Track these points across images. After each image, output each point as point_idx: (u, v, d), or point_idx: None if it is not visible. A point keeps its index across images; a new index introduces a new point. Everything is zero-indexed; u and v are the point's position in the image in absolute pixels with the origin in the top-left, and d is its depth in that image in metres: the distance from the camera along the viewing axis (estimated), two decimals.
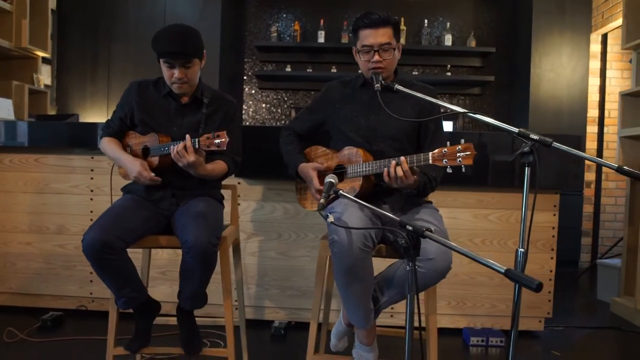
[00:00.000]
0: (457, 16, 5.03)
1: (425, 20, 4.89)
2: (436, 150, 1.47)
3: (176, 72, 1.80)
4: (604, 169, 4.46)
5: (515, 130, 1.30)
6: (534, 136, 1.26)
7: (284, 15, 5.15)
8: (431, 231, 1.11)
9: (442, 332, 2.72)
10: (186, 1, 4.63)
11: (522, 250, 1.33)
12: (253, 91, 5.24)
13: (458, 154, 1.41)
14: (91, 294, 2.83)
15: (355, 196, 1.68)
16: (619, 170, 1.19)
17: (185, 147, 1.67)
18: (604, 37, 4.49)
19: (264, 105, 5.24)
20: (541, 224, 2.69)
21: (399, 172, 1.52)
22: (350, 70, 5.04)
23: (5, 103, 3.57)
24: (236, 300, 2.29)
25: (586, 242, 4.61)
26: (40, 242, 2.86)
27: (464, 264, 2.69)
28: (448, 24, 4.92)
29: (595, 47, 4.52)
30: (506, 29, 4.99)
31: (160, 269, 2.77)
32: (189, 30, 1.83)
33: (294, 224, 2.74)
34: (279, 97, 5.24)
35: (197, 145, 1.67)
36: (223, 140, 1.63)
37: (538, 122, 4.43)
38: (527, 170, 1.29)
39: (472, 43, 4.84)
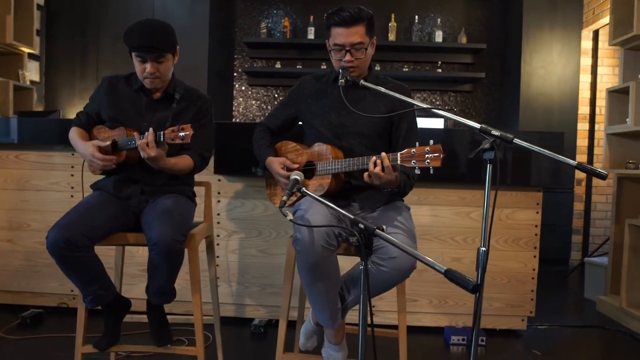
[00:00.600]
0: (448, 12, 5.00)
1: (416, 17, 4.85)
2: (404, 151, 1.44)
3: (148, 67, 1.78)
4: (596, 165, 4.43)
5: (477, 126, 1.28)
6: (495, 132, 1.23)
7: (274, 12, 5.12)
8: (383, 230, 1.08)
9: (423, 330, 2.71)
10: None
11: (484, 249, 1.29)
12: (243, 88, 5.21)
13: (426, 155, 1.38)
14: (72, 291, 2.82)
15: (323, 194, 1.67)
16: (578, 167, 1.16)
17: (147, 142, 1.65)
18: (595, 34, 4.45)
19: (254, 102, 5.21)
20: (524, 222, 2.67)
21: (377, 169, 1.48)
22: None
23: None
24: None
25: (577, 240, 4.59)
26: (20, 239, 2.84)
27: (446, 262, 2.67)
28: (439, 20, 4.89)
29: (586, 44, 4.48)
30: (497, 26, 4.96)
31: (141, 265, 2.75)
32: (162, 25, 1.82)
33: (274, 222, 2.71)
34: (269, 93, 5.22)
35: (162, 138, 1.65)
36: (187, 133, 1.61)
37: (529, 119, 4.40)
38: (488, 167, 1.26)
39: (463, 39, 4.81)
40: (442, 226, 2.68)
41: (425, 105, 1.50)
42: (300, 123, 1.94)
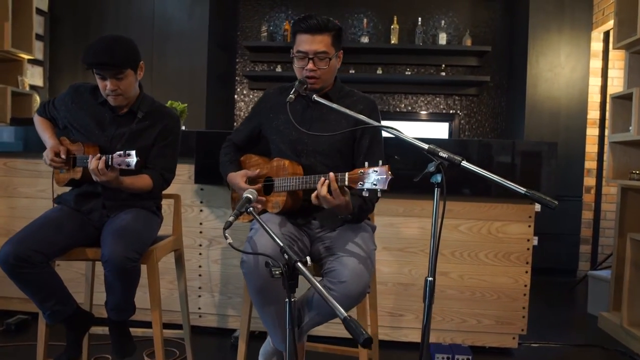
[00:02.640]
0: (452, 14, 4.86)
1: (419, 19, 4.73)
2: (353, 171, 1.35)
3: (108, 84, 1.74)
4: (605, 172, 4.25)
5: (425, 146, 1.19)
6: (442, 154, 1.14)
7: (275, 15, 5.07)
8: (305, 263, 1.01)
9: (408, 346, 2.62)
10: (174, 1, 4.60)
11: (431, 279, 1.20)
12: (245, 91, 5.18)
13: (373, 177, 1.29)
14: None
15: (280, 211, 1.60)
16: (527, 195, 1.06)
17: (98, 168, 1.61)
18: (606, 35, 4.26)
19: None
20: (515, 235, 2.55)
21: (323, 191, 1.40)
22: (342, 69, 4.93)
23: None
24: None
25: (585, 250, 4.40)
26: None
27: None
28: (443, 22, 4.76)
29: (596, 46, 4.29)
30: (503, 27, 4.81)
31: None
32: (120, 41, 1.76)
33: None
34: None
35: (110, 162, 1.60)
36: (133, 160, 1.56)
37: (535, 124, 4.25)
38: (436, 192, 1.17)
39: (468, 42, 4.67)
40: (429, 239, 2.55)
41: (375, 123, 1.41)
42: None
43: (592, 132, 4.35)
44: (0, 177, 2.87)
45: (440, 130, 4.98)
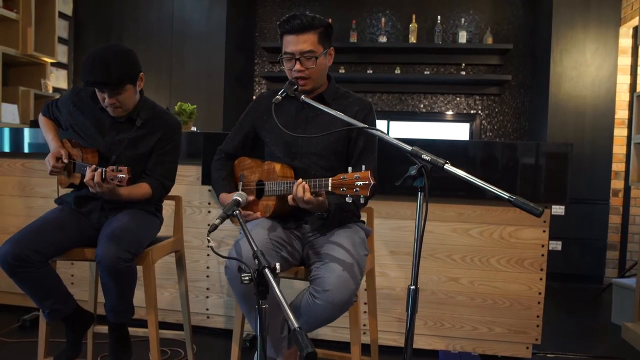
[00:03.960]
0: (472, 12, 4.74)
1: (439, 17, 4.63)
2: (336, 177, 1.32)
3: (106, 98, 1.74)
4: (633, 176, 4.05)
5: (408, 148, 1.14)
6: (425, 156, 1.09)
7: None
8: (273, 270, 0.98)
9: (417, 353, 2.54)
10: (193, 3, 4.65)
11: (413, 287, 1.15)
12: (263, 92, 5.19)
13: (356, 183, 1.25)
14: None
15: (270, 215, 1.58)
16: (512, 201, 1.00)
17: (93, 180, 1.61)
18: (635, 31, 4.06)
19: None
20: (529, 241, 2.45)
21: (306, 195, 1.37)
22: (359, 69, 4.88)
23: (10, 108, 3.71)
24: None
25: (612, 257, 4.21)
26: None
27: (442, 282, 2.50)
28: (463, 20, 4.64)
29: (625, 42, 4.10)
30: (525, 24, 4.65)
31: None
32: (117, 57, 1.69)
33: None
34: None
35: (104, 176, 1.61)
36: (124, 177, 1.56)
37: (559, 124, 4.09)
38: (419, 196, 1.12)
39: (489, 40, 4.54)
40: (437, 243, 2.50)
41: (361, 125, 1.36)
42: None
43: (620, 132, 4.15)
44: (19, 177, 2.95)
45: (461, 130, 4.87)
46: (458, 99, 4.86)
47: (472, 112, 4.82)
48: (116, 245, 1.60)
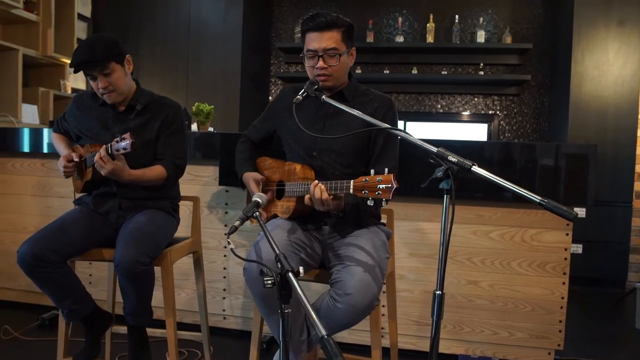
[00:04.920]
0: (491, 11, 4.67)
1: (457, 16, 4.58)
2: (357, 179, 1.29)
3: (99, 82, 1.77)
4: None
5: (434, 149, 1.11)
6: (452, 158, 1.05)
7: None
8: (298, 274, 0.95)
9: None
10: (209, 5, 4.66)
11: (439, 292, 1.12)
12: (285, 88, 5.18)
13: (378, 186, 1.23)
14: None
15: (290, 217, 1.56)
16: (543, 204, 0.96)
17: (101, 157, 1.63)
18: None
19: None
20: (552, 244, 2.39)
21: (324, 195, 1.36)
22: (376, 70, 4.84)
23: (30, 109, 3.75)
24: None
25: (636, 260, 4.11)
26: None
27: (461, 285, 2.46)
28: (481, 19, 4.58)
29: None
30: (545, 23, 4.57)
31: None
32: (100, 38, 1.78)
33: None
34: None
35: (109, 151, 1.61)
36: (128, 142, 1.56)
37: (580, 125, 4.01)
38: (445, 198, 1.09)
39: (508, 39, 4.47)
40: (457, 246, 2.46)
41: (384, 125, 1.34)
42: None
43: None
44: (38, 177, 2.98)
45: (478, 131, 4.80)
46: (476, 99, 4.79)
47: (490, 112, 4.75)
48: (135, 249, 1.59)
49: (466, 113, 4.79)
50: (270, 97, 5.20)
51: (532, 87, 4.64)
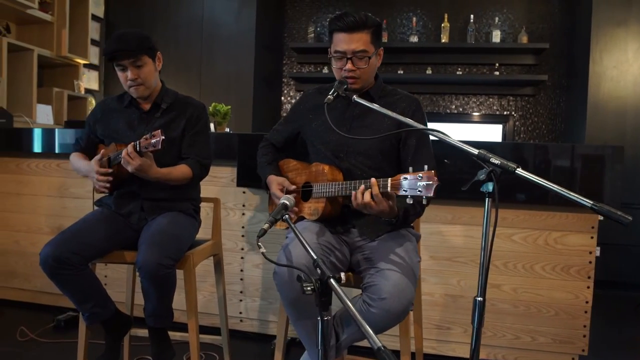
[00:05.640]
0: (506, 10, 4.62)
1: (472, 16, 4.53)
2: (395, 176, 1.25)
3: (128, 74, 1.77)
4: None
5: (475, 152, 1.07)
6: (494, 160, 1.02)
7: (322, 16, 5.02)
8: (339, 280, 0.92)
9: None
10: (222, 5, 4.64)
11: (480, 299, 1.08)
12: (291, 93, 5.16)
13: (418, 183, 1.19)
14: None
15: (318, 219, 1.53)
16: (595, 208, 0.93)
17: (128, 153, 1.61)
18: None
19: None
20: (576, 247, 2.34)
21: (366, 198, 1.31)
22: (390, 70, 4.81)
23: (45, 109, 3.75)
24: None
25: None
26: None
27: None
28: (497, 19, 4.53)
29: None
30: (562, 23, 4.51)
31: None
32: (134, 31, 1.81)
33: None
34: None
35: (138, 148, 1.60)
36: (158, 139, 1.54)
37: (598, 126, 3.95)
38: (487, 202, 1.05)
39: (524, 39, 4.42)
40: (478, 248, 2.40)
41: (419, 126, 1.30)
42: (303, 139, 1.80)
43: None
44: (55, 178, 2.97)
45: (493, 132, 4.75)
46: (490, 99, 4.74)
47: (505, 113, 4.70)
48: (157, 252, 1.57)
49: (480, 114, 4.74)
50: (282, 98, 5.18)
51: (547, 87, 4.59)
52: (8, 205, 3.02)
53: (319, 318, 0.94)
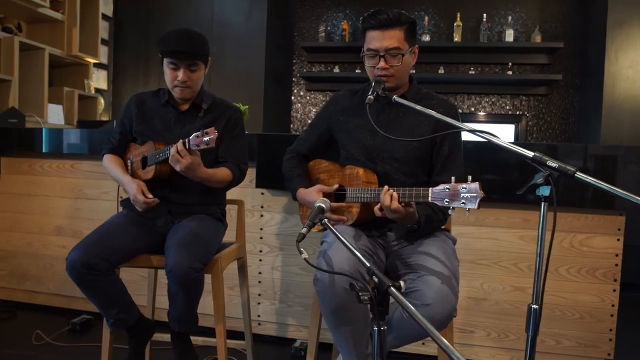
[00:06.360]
0: (520, 9, 4.58)
1: (484, 15, 4.49)
2: (438, 187, 1.22)
3: (180, 74, 1.73)
4: None
5: (530, 154, 1.03)
6: (552, 163, 0.98)
7: (333, 15, 4.98)
8: (399, 288, 0.89)
9: None
10: (232, 4, 4.60)
11: (536, 307, 1.04)
12: (301, 93, 5.12)
13: (462, 195, 1.16)
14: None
15: (353, 223, 1.49)
16: None
17: (178, 151, 1.56)
18: None
19: (312, 107, 5.10)
20: (602, 250, 2.31)
21: (393, 204, 1.29)
22: None
23: (56, 109, 3.71)
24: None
25: None
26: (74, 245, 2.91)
27: (507, 291, 2.38)
28: (510, 18, 4.50)
29: None
30: (577, 22, 4.48)
31: None
32: (198, 34, 1.78)
33: (319, 239, 2.55)
34: (327, 99, 5.07)
35: (187, 145, 1.56)
36: (212, 137, 1.50)
37: (613, 126, 3.91)
38: (542, 206, 1.02)
39: (537, 38, 4.38)
40: (503, 251, 2.38)
41: (469, 128, 1.27)
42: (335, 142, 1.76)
43: None
44: (67, 179, 2.93)
45: (505, 132, 4.71)
46: (503, 99, 4.71)
47: (517, 113, 4.66)
48: (187, 255, 1.53)
49: (493, 113, 4.70)
50: (292, 97, 5.14)
51: (561, 87, 4.55)
52: (20, 206, 2.99)
53: (375, 328, 0.90)
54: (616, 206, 2.26)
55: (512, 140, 4.56)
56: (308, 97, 5.11)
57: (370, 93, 1.45)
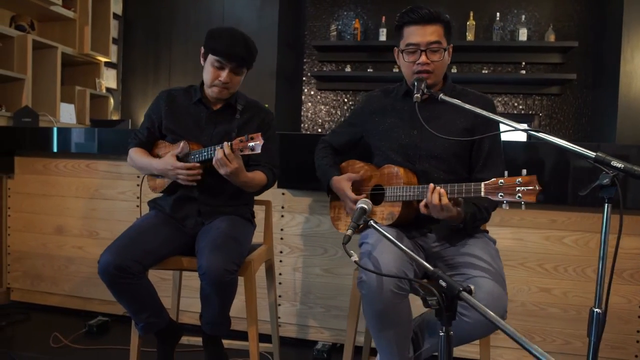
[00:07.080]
0: (533, 8, 4.56)
1: (497, 14, 4.47)
2: (491, 181, 1.20)
3: (224, 75, 1.70)
4: None
5: (592, 154, 1.01)
6: (616, 164, 0.95)
7: (344, 13, 4.95)
8: (470, 292, 0.86)
9: None
10: (244, 2, 4.57)
11: (598, 311, 1.02)
12: (312, 92, 5.09)
13: (518, 188, 1.13)
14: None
15: (393, 223, 1.46)
16: None
17: (225, 154, 1.53)
18: None
19: (322, 106, 5.07)
20: (629, 250, 2.28)
21: (443, 200, 1.26)
22: None
23: (68, 108, 3.68)
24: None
25: None
26: (90, 246, 2.88)
27: (532, 292, 2.35)
28: (523, 17, 4.47)
29: None
30: (591, 21, 4.45)
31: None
32: (250, 39, 1.75)
33: (340, 240, 2.52)
34: (338, 98, 5.05)
35: (232, 149, 1.53)
36: (258, 142, 1.47)
37: (629, 126, 3.89)
38: (606, 207, 0.99)
39: (551, 37, 4.36)
40: (528, 252, 2.36)
41: (516, 125, 1.24)
42: (366, 143, 1.73)
43: None
44: (83, 179, 2.89)
45: (518, 132, 4.68)
46: (516, 99, 4.68)
47: (530, 112, 4.64)
48: (221, 257, 1.50)
49: (505, 113, 4.68)
50: (303, 97, 5.10)
51: (574, 86, 4.53)
52: (35, 206, 2.95)
53: (442, 333, 0.88)
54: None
55: (525, 140, 4.54)
56: (319, 97, 5.08)
57: (416, 91, 1.42)
